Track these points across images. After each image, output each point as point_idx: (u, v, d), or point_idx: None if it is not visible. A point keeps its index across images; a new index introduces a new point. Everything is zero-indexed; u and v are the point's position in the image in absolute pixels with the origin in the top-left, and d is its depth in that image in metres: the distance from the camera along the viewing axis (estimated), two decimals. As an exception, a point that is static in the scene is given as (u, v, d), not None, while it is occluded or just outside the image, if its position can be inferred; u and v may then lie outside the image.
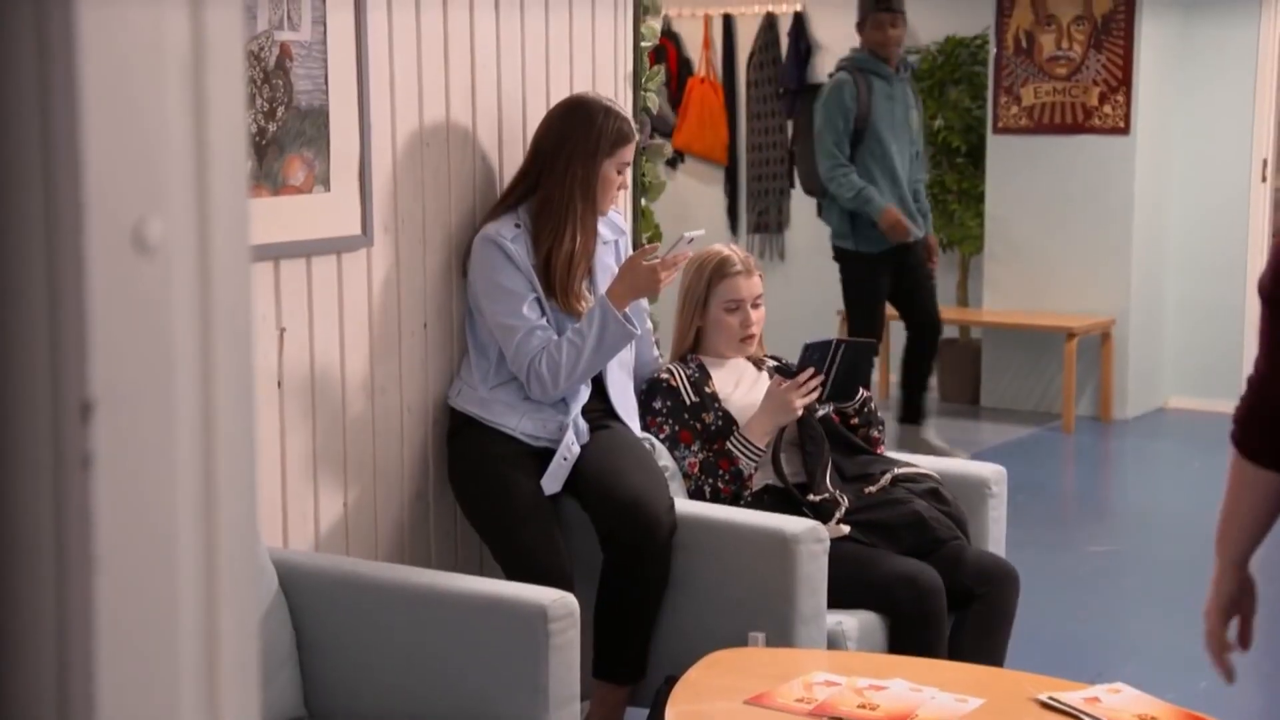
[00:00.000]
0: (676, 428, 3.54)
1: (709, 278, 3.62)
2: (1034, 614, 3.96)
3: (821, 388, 3.48)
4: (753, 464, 3.47)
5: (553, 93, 3.71)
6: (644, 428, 3.56)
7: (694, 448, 3.52)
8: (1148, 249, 7.40)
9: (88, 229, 0.72)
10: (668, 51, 8.51)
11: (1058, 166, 7.46)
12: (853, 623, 3.26)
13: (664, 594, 3.31)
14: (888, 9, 6.23)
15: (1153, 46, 7.24)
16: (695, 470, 3.49)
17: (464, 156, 3.55)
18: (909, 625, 3.28)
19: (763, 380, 3.66)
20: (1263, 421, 2.10)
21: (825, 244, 6.57)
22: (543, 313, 3.39)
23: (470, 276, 3.45)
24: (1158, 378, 7.62)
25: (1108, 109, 7.24)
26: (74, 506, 0.73)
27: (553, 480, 3.35)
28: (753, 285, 3.64)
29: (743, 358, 3.70)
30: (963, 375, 7.81)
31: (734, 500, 3.47)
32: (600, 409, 3.48)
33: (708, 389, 3.58)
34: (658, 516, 3.25)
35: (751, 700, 2.68)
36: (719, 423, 3.53)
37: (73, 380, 0.73)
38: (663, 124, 7.87)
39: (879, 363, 7.12)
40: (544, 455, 3.38)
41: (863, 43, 6.32)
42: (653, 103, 4.14)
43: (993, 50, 7.53)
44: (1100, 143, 7.25)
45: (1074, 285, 7.41)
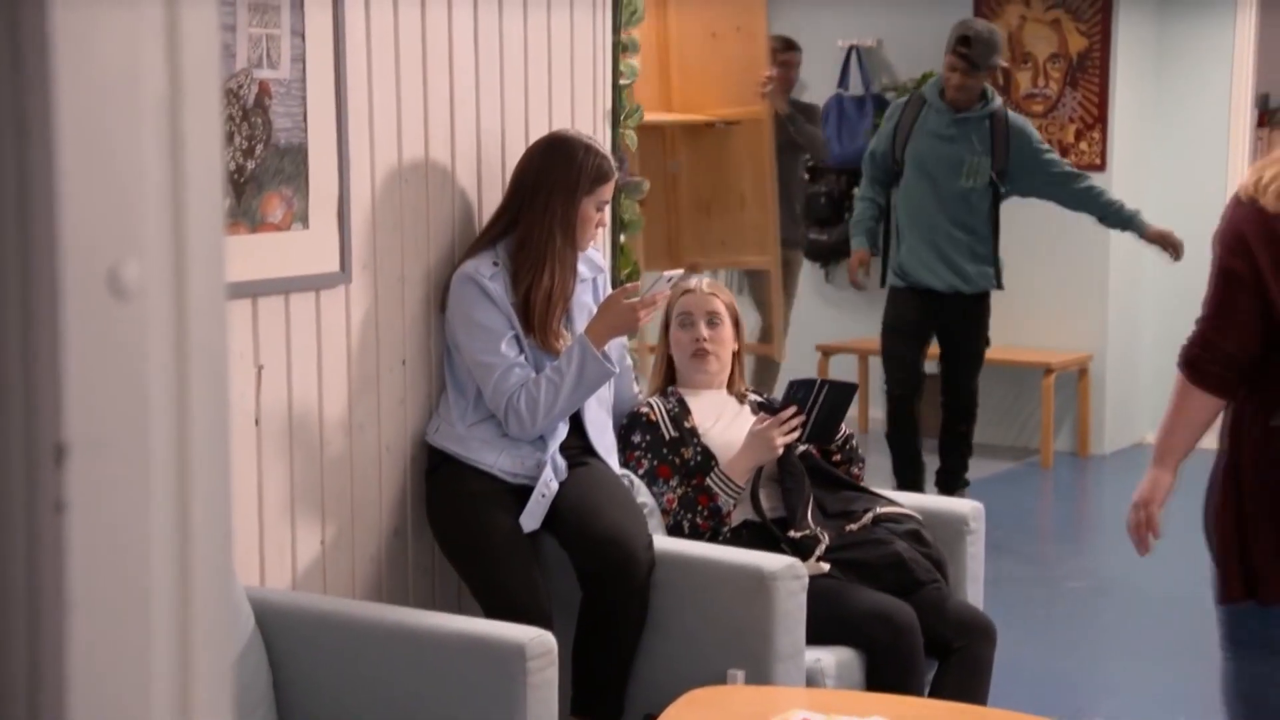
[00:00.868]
0: (655, 462, 3.54)
1: (671, 300, 3.65)
2: (1013, 650, 3.96)
3: (802, 427, 3.49)
4: (732, 500, 3.47)
5: (532, 130, 3.72)
6: (623, 462, 3.55)
7: (672, 483, 3.52)
8: (1124, 285, 7.44)
9: (63, 272, 0.72)
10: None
11: (1035, 201, 7.50)
12: (831, 660, 3.26)
13: (642, 631, 3.30)
14: (953, 51, 5.82)
15: (1128, 83, 7.29)
16: (673, 505, 3.49)
17: (443, 193, 3.55)
18: (885, 662, 3.27)
19: (744, 415, 3.66)
20: (1208, 360, 2.74)
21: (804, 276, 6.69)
22: (521, 350, 3.39)
23: (448, 314, 3.45)
24: (1135, 413, 7.64)
25: (1084, 145, 7.29)
26: (47, 551, 0.73)
27: (531, 517, 3.34)
28: (706, 301, 3.65)
29: (721, 389, 3.69)
30: (935, 411, 7.81)
31: (713, 536, 3.46)
32: (578, 446, 3.48)
33: (687, 424, 3.57)
34: (636, 554, 3.24)
35: (731, 739, 2.66)
36: (698, 458, 3.53)
37: (47, 424, 0.73)
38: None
39: (858, 399, 7.12)
40: (522, 492, 3.37)
41: None
42: (632, 140, 4.15)
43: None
44: (1077, 179, 7.28)
45: (1051, 321, 7.44)
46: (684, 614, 3.27)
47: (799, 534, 3.43)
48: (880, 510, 3.57)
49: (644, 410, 3.60)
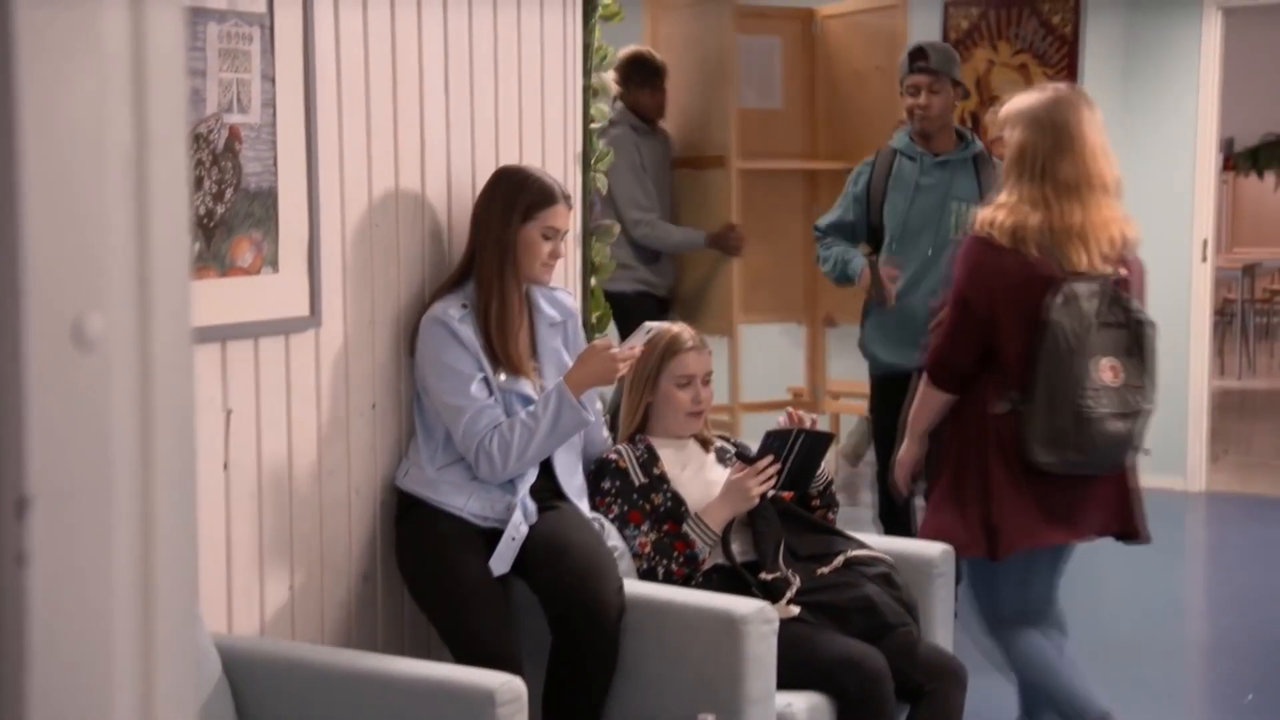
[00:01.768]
0: (625, 508, 3.54)
1: (661, 353, 3.64)
2: (981, 693, 3.95)
3: (777, 476, 3.51)
4: (707, 548, 3.48)
5: (502, 174, 3.73)
6: (593, 508, 3.55)
7: (643, 528, 3.52)
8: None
9: (26, 324, 0.72)
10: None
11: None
12: (802, 704, 3.25)
13: (613, 675, 3.28)
14: (910, 70, 5.06)
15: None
16: (647, 550, 3.49)
17: (413, 237, 3.55)
18: (854, 709, 3.27)
19: (710, 462, 3.67)
20: (943, 369, 3.62)
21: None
22: (491, 392, 3.39)
23: (418, 357, 3.45)
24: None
25: (1051, 189, 7.34)
26: (8, 604, 0.72)
27: (501, 561, 3.33)
28: (704, 361, 3.66)
29: (691, 437, 3.70)
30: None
31: (685, 581, 3.46)
32: (548, 489, 3.47)
33: (656, 470, 3.58)
34: (606, 598, 3.24)
35: (701, 785, 2.65)
36: (668, 503, 3.53)
37: (9, 476, 0.72)
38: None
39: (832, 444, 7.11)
40: (492, 536, 3.36)
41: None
42: (602, 183, 4.16)
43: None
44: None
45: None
46: (654, 658, 3.26)
47: (770, 576, 3.43)
48: (851, 553, 3.57)
49: (613, 457, 3.60)
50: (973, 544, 3.61)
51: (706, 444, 3.73)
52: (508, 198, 3.45)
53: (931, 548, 3.76)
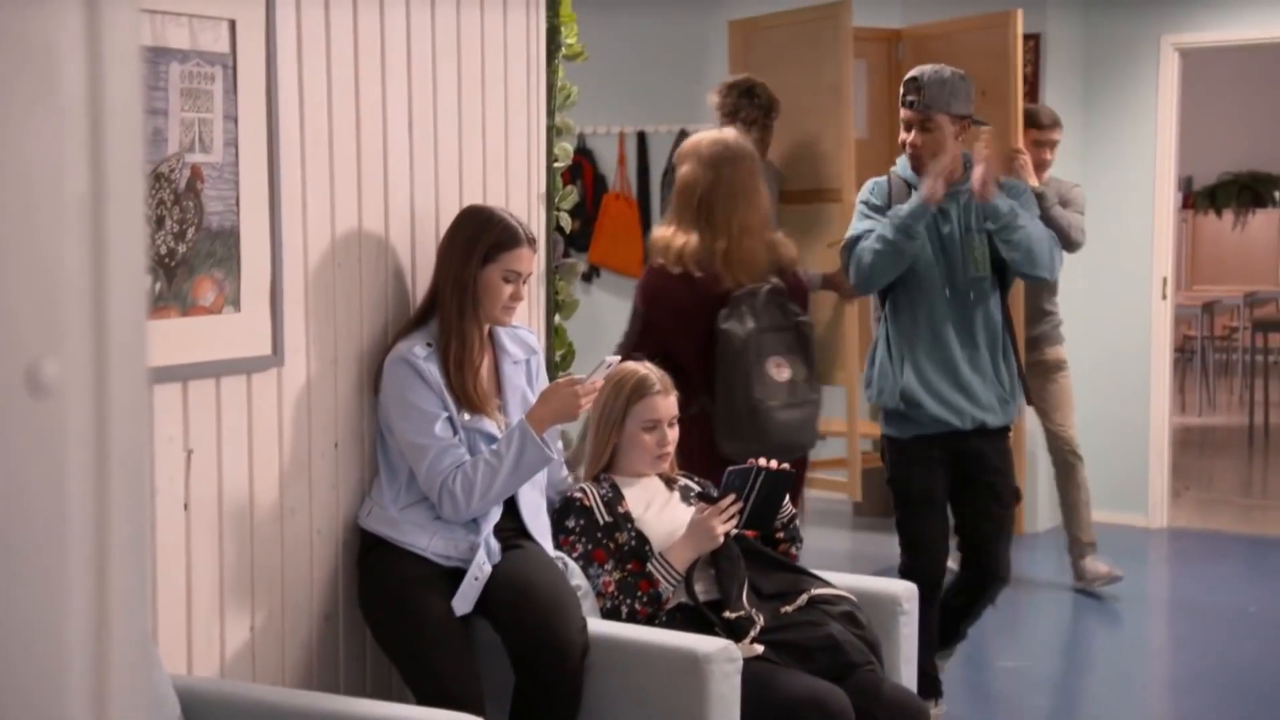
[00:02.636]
0: (590, 547, 3.54)
1: (627, 396, 3.64)
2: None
3: (739, 515, 3.51)
4: (671, 588, 3.47)
5: (466, 213, 3.73)
6: (557, 546, 3.54)
7: (608, 566, 3.51)
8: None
9: (-19, 371, 0.72)
10: (583, 168, 8.62)
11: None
12: (766, 743, 3.24)
13: (576, 715, 3.27)
14: (901, 102, 4.43)
15: (1055, 167, 7.42)
16: (611, 589, 3.48)
17: (376, 276, 3.55)
18: (820, 748, 3.26)
19: (674, 500, 3.67)
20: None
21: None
22: (455, 432, 3.39)
23: (382, 396, 3.44)
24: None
25: (1013, 228, 7.38)
26: (-40, 653, 0.72)
27: (464, 601, 3.32)
28: (670, 405, 3.67)
29: (655, 476, 3.71)
30: (876, 489, 7.86)
31: (649, 621, 3.45)
32: (512, 528, 3.46)
33: (621, 509, 3.58)
34: (570, 637, 3.23)
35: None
36: (632, 542, 3.53)
37: (-38, 524, 0.72)
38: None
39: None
40: (455, 575, 3.35)
41: None
42: (566, 222, 4.17)
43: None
44: (1006, 261, 7.37)
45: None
46: (618, 697, 3.25)
47: (734, 615, 3.43)
48: (815, 591, 3.57)
49: (577, 495, 3.60)
50: None
51: (670, 482, 3.74)
52: (470, 238, 3.45)
53: (895, 585, 3.77)
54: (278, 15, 3.23)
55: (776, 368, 4.09)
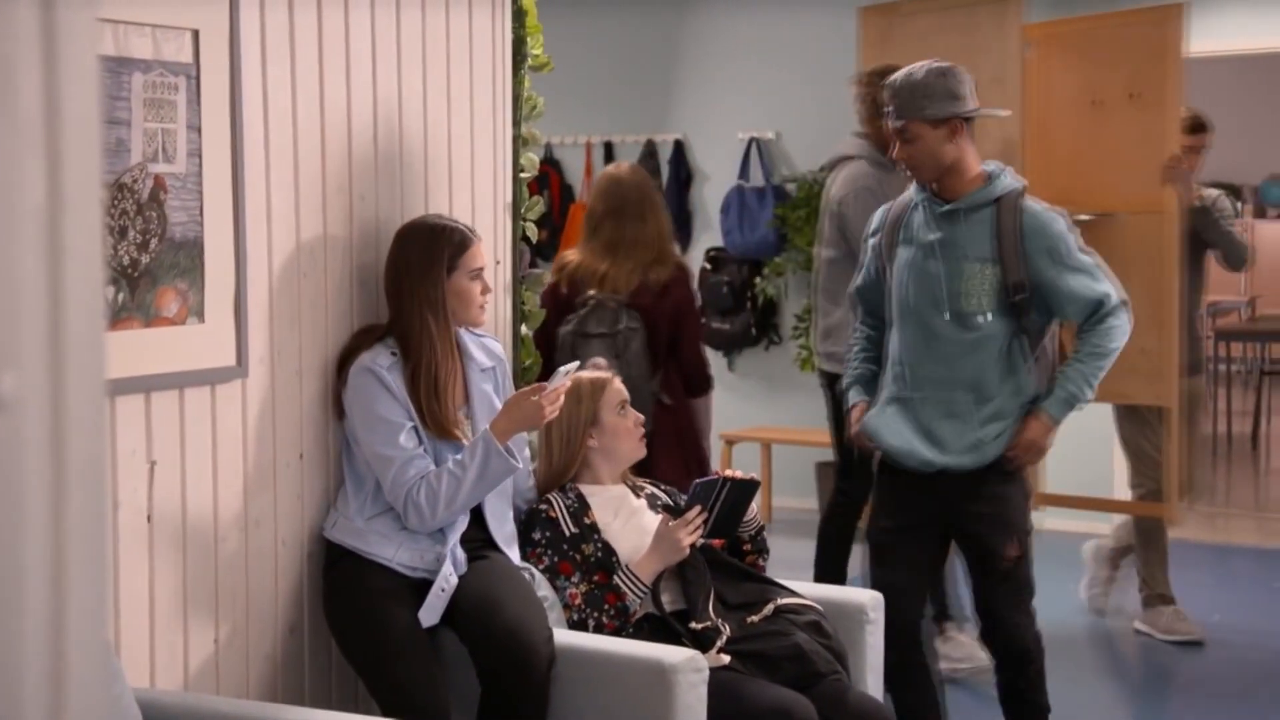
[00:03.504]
0: (556, 559, 3.53)
1: (590, 396, 3.65)
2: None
3: (705, 524, 3.52)
4: (638, 600, 3.47)
5: (431, 223, 3.72)
6: (523, 558, 3.54)
7: (574, 578, 3.51)
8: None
9: (-64, 385, 0.72)
10: (550, 178, 8.61)
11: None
12: (733, 754, 3.24)
13: (543, 727, 3.27)
14: (883, 114, 4.00)
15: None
16: (577, 602, 3.47)
17: (341, 287, 3.54)
18: (785, 757, 3.27)
19: (642, 508, 3.67)
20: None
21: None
22: (420, 442, 3.38)
23: (347, 406, 3.43)
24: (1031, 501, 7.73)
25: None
26: (-85, 669, 0.72)
27: (430, 612, 3.31)
28: (622, 387, 3.75)
29: (623, 484, 3.71)
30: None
31: (616, 633, 3.45)
32: (479, 539, 3.46)
33: (587, 519, 3.57)
34: (536, 648, 3.22)
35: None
36: (599, 554, 3.52)
37: (-83, 539, 0.71)
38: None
39: (761, 489, 7.13)
40: (421, 586, 3.34)
41: None
42: (532, 232, 4.17)
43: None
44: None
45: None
46: (584, 708, 3.24)
47: (700, 625, 3.43)
48: (781, 601, 3.58)
49: (543, 507, 3.59)
50: None
51: (637, 490, 3.74)
52: (425, 255, 3.43)
53: (862, 595, 3.78)
54: (241, 26, 3.22)
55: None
